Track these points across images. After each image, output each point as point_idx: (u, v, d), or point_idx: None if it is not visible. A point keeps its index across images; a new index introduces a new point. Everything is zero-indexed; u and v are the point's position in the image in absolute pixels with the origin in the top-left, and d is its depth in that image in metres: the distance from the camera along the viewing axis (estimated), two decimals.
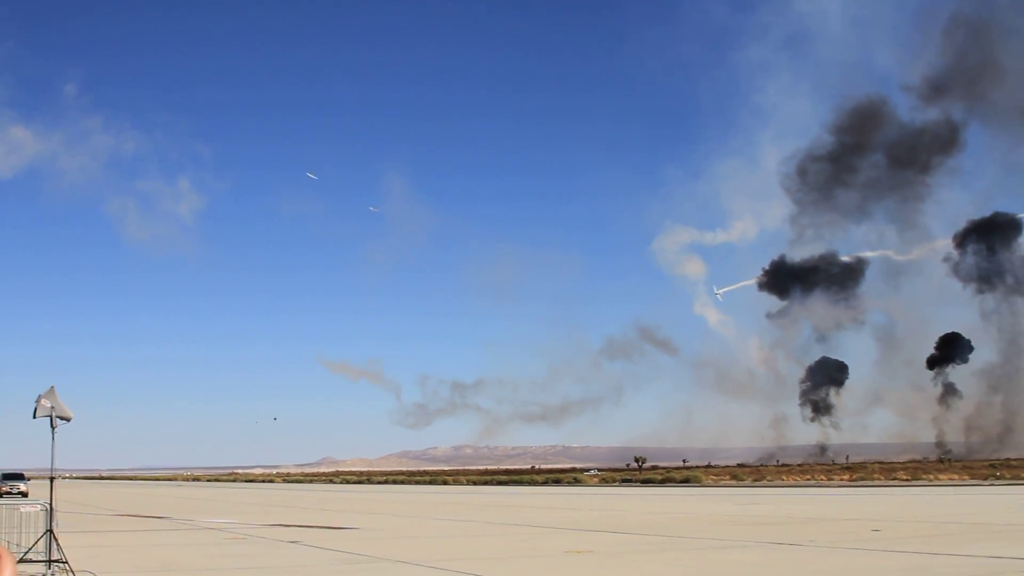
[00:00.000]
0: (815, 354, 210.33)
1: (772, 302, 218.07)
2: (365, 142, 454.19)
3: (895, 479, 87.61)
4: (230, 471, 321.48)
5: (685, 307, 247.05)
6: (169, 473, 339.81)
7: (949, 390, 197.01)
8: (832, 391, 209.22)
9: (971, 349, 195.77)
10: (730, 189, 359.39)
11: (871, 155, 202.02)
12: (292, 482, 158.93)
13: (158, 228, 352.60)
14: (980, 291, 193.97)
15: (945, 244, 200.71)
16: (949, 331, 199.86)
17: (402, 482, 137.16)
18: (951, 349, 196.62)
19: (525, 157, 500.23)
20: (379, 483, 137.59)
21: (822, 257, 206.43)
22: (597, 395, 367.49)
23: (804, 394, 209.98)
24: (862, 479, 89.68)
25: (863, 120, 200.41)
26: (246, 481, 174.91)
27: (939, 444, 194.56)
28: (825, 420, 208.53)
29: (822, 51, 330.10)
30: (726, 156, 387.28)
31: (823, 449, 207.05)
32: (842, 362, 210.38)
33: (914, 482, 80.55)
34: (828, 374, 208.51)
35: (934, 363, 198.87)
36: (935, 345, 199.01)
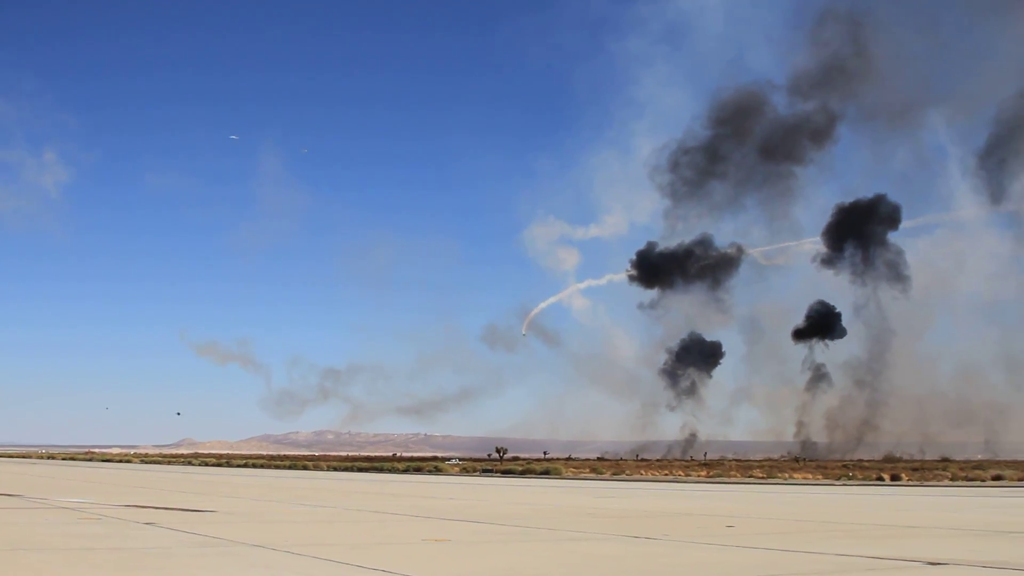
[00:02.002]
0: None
1: (644, 294, 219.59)
2: (239, 124, 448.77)
3: (751, 476, 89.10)
4: (86, 450, 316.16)
5: (561, 299, 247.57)
6: (22, 451, 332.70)
7: (818, 374, 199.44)
8: (701, 376, 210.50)
9: (843, 331, 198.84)
10: (603, 180, 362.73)
11: (744, 148, 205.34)
12: (150, 463, 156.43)
13: (21, 200, 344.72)
14: (852, 283, 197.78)
15: (815, 240, 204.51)
16: (818, 300, 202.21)
17: (262, 466, 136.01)
18: (821, 321, 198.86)
19: (400, 144, 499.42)
20: (239, 466, 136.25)
21: (692, 248, 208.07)
22: (470, 385, 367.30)
23: (668, 373, 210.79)
24: (719, 476, 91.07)
25: (737, 113, 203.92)
26: (103, 460, 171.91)
27: (803, 442, 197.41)
28: (689, 404, 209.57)
29: (699, 44, 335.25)
30: (600, 147, 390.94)
31: (689, 443, 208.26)
32: (716, 343, 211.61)
33: (769, 480, 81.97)
34: (700, 354, 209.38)
35: (802, 335, 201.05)
36: (805, 315, 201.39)
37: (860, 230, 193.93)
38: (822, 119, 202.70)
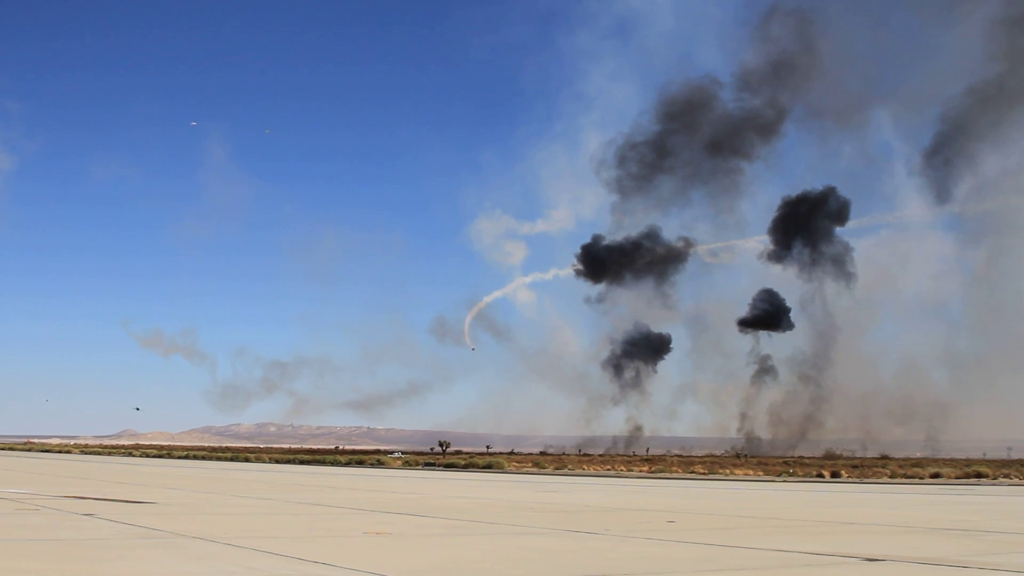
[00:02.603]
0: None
1: (590, 288, 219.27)
2: (186, 117, 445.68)
3: (693, 472, 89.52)
4: (25, 440, 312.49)
5: (507, 293, 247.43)
6: None
7: (764, 367, 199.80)
8: (647, 370, 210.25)
9: (790, 324, 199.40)
10: (550, 175, 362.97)
11: (692, 143, 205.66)
12: (90, 453, 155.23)
13: None
14: (798, 277, 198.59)
15: (762, 238, 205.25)
16: (765, 288, 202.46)
17: (204, 458, 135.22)
18: (768, 311, 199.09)
19: (347, 137, 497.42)
20: (180, 458, 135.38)
21: (640, 241, 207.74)
22: (416, 379, 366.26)
23: (613, 367, 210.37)
24: (661, 471, 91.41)
25: (685, 108, 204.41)
26: (42, 451, 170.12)
27: (748, 436, 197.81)
28: (634, 399, 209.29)
29: (648, 40, 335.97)
30: (548, 141, 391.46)
31: (634, 438, 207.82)
32: (663, 335, 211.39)
33: (710, 476, 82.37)
34: (646, 348, 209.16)
35: (748, 325, 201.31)
36: (751, 304, 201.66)
37: (808, 224, 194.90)
38: (769, 115, 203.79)
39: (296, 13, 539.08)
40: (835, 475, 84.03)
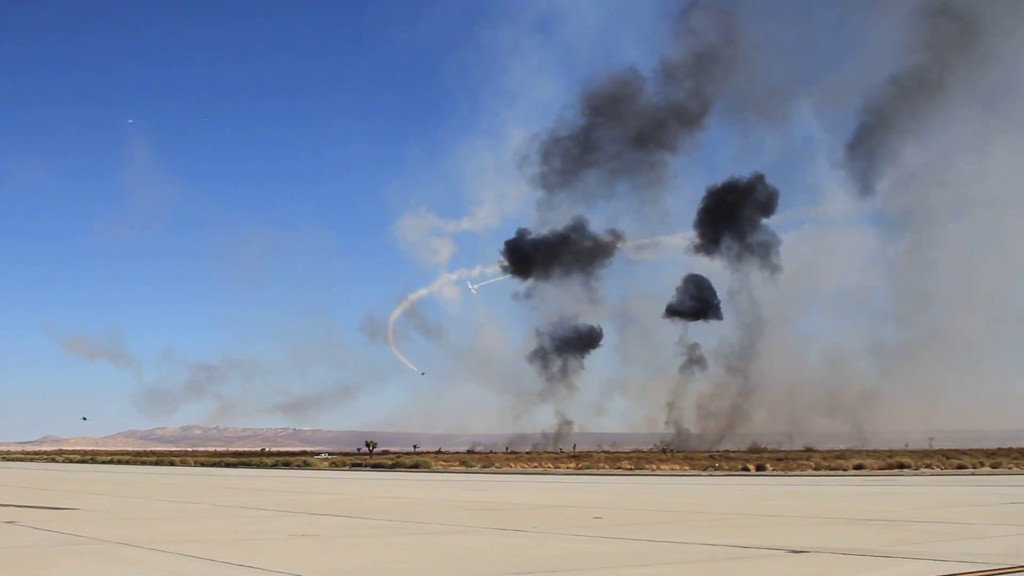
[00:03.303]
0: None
1: (517, 284, 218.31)
2: (107, 118, 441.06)
3: (619, 468, 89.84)
4: None
5: (433, 291, 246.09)
6: None
7: (692, 357, 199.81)
8: (575, 365, 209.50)
9: (719, 312, 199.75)
10: (474, 171, 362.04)
11: (616, 137, 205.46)
12: (11, 460, 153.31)
13: None
14: (725, 268, 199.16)
15: (687, 233, 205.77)
16: (693, 274, 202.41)
17: (128, 462, 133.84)
18: (696, 297, 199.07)
19: (269, 133, 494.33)
20: (104, 463, 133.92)
21: (567, 234, 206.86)
22: (345, 380, 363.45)
23: (541, 363, 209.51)
24: (588, 467, 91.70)
25: (608, 102, 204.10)
26: None
27: (677, 429, 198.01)
28: (563, 395, 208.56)
29: (571, 35, 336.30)
30: (472, 137, 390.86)
31: (563, 435, 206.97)
32: (592, 329, 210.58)
33: (637, 472, 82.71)
34: (574, 343, 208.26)
35: (675, 312, 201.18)
36: (678, 291, 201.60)
37: (734, 214, 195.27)
38: (693, 108, 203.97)
39: (216, 9, 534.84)
40: (760, 468, 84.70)
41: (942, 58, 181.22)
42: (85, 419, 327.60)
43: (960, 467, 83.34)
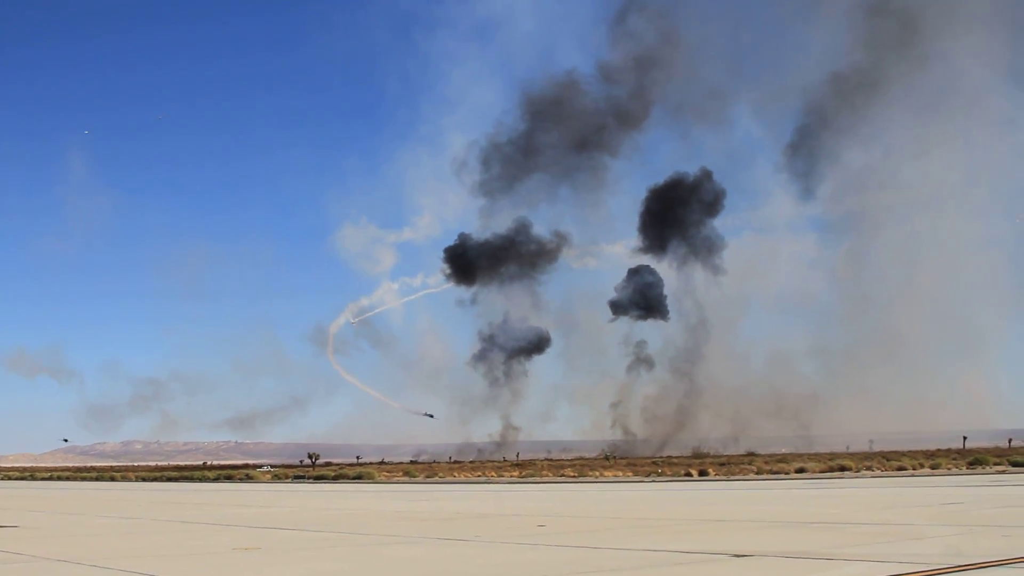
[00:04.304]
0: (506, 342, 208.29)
1: (460, 292, 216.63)
2: (44, 130, 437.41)
3: (563, 476, 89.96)
4: None
5: (375, 301, 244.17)
6: None
7: (639, 356, 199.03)
8: (519, 372, 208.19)
9: (666, 311, 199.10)
10: (415, 179, 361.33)
11: (556, 141, 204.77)
12: None
13: None
14: (669, 267, 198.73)
15: (631, 237, 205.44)
16: (639, 266, 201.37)
17: (68, 478, 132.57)
18: (641, 293, 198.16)
19: (205, 140, 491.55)
20: (43, 479, 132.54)
21: (511, 237, 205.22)
22: (290, 392, 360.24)
23: (485, 366, 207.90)
24: (531, 475, 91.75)
25: (547, 107, 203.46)
26: None
27: (624, 432, 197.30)
28: (508, 403, 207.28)
29: (509, 41, 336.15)
30: (412, 144, 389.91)
31: (509, 443, 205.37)
32: (538, 334, 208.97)
33: (580, 479, 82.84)
34: (519, 349, 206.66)
35: (620, 309, 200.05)
36: (623, 287, 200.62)
37: (678, 215, 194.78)
38: (633, 110, 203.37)
39: (150, 16, 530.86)
40: (703, 473, 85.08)
41: (881, 57, 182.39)
42: (66, 440, 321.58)
43: (900, 469, 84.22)
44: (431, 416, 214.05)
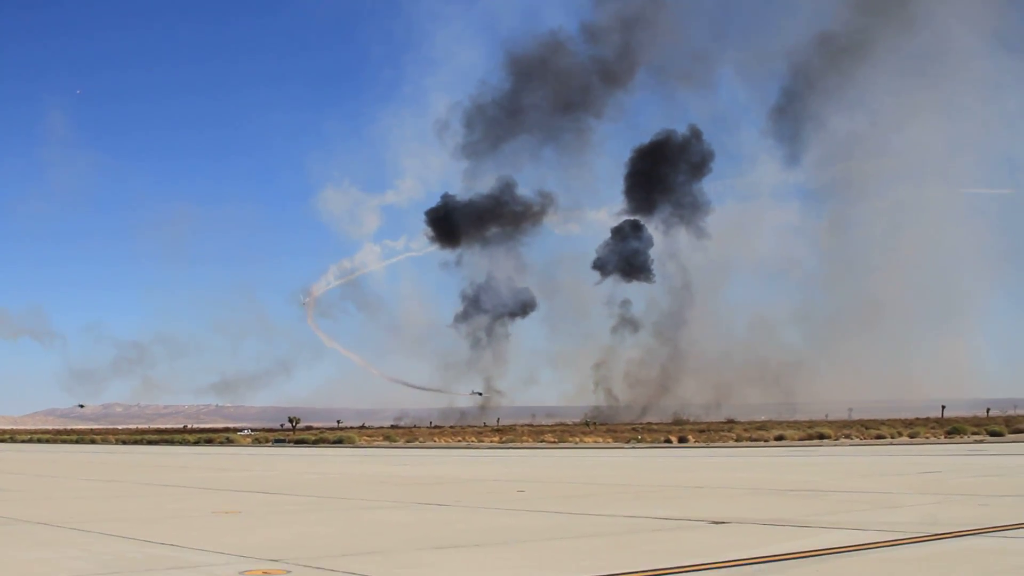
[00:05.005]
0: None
1: (446, 254, 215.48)
2: (25, 93, 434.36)
3: (543, 441, 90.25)
4: None
5: (356, 264, 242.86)
6: None
7: (624, 318, 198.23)
8: (504, 336, 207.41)
9: (650, 274, 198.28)
10: (397, 141, 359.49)
11: (540, 102, 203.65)
12: None
13: None
14: (655, 230, 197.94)
15: (616, 205, 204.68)
16: (625, 223, 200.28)
17: (48, 441, 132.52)
18: (626, 255, 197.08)
19: (187, 103, 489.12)
20: (23, 442, 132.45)
21: (495, 196, 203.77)
22: (274, 355, 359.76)
23: (469, 329, 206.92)
24: (511, 441, 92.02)
25: (531, 67, 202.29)
26: None
27: (607, 395, 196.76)
28: (491, 367, 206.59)
29: (493, 1, 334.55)
30: (394, 106, 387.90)
31: (491, 407, 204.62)
32: (523, 297, 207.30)
33: (560, 445, 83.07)
34: (505, 311, 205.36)
35: (605, 269, 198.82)
36: (606, 248, 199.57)
37: (665, 173, 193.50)
38: (618, 71, 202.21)
39: None
40: (682, 440, 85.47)
41: (869, 20, 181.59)
42: (82, 406, 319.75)
43: (879, 437, 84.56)
44: (480, 394, 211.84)
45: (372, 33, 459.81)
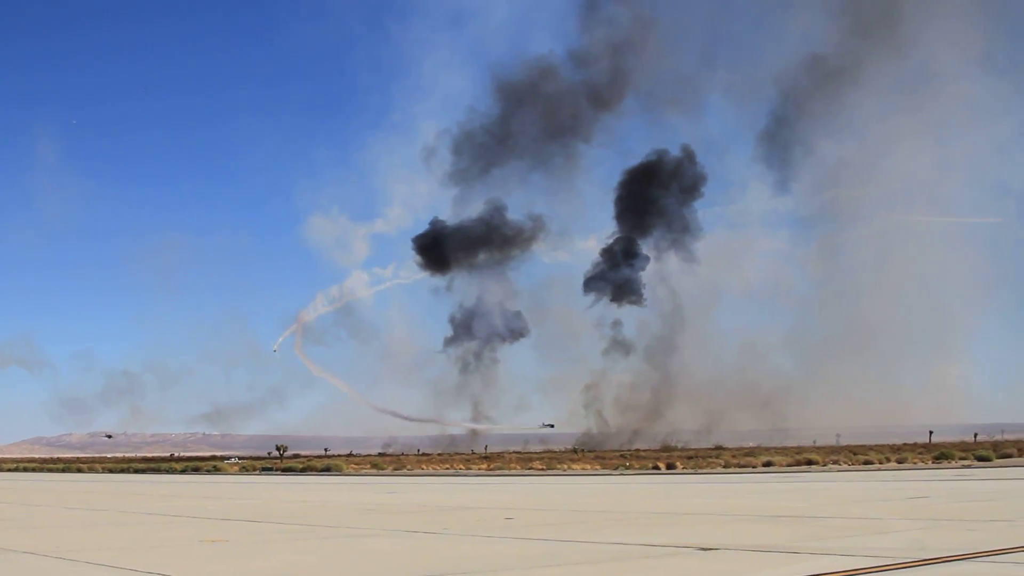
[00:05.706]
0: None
1: (438, 281, 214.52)
2: (13, 122, 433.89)
3: (531, 468, 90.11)
4: None
5: (345, 292, 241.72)
6: None
7: (616, 340, 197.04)
8: (493, 363, 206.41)
9: (640, 296, 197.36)
10: (386, 168, 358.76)
11: (528, 128, 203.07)
12: None
13: None
14: (646, 253, 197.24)
15: (606, 232, 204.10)
16: (617, 237, 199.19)
17: (35, 470, 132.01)
18: (617, 275, 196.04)
19: (175, 133, 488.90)
20: (9, 471, 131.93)
21: (485, 220, 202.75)
22: (265, 384, 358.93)
23: (459, 355, 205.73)
24: (499, 468, 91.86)
25: (520, 94, 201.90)
26: None
27: (598, 416, 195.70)
28: (480, 393, 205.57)
29: (483, 29, 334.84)
30: (383, 133, 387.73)
31: (480, 435, 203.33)
32: (515, 321, 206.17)
33: (548, 472, 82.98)
34: (500, 333, 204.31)
35: (595, 288, 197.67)
36: (598, 265, 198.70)
37: (656, 196, 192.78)
38: (606, 96, 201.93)
39: (119, 6, 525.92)
40: (670, 467, 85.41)
41: (857, 44, 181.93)
42: (110, 436, 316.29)
43: (867, 463, 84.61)
44: (551, 427, 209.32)
45: (360, 61, 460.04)
